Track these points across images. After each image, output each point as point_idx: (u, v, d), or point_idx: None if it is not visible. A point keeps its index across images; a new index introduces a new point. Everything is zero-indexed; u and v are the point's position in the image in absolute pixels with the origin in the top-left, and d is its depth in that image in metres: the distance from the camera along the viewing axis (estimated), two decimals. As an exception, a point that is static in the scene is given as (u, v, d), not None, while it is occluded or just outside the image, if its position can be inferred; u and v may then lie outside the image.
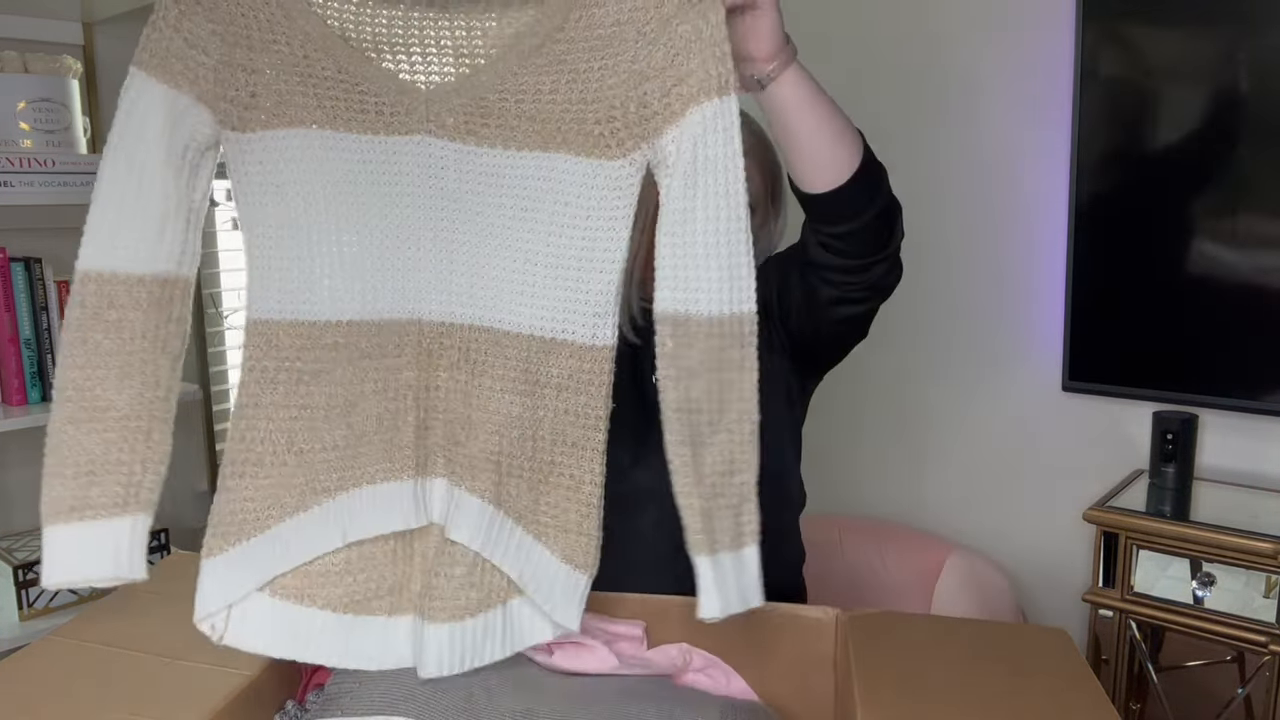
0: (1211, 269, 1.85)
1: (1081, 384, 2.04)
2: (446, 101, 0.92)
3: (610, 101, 0.88)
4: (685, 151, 0.86)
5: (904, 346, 2.31)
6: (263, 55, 0.92)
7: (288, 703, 1.02)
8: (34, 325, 1.82)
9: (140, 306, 0.93)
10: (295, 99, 0.92)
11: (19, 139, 1.78)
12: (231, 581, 0.95)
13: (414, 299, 0.96)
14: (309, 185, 0.93)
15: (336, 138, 0.93)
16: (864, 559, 2.20)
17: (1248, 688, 1.75)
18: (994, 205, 2.17)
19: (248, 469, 0.96)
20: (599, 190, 0.90)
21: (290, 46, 0.92)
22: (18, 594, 1.76)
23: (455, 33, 0.91)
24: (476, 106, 0.91)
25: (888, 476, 2.41)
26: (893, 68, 2.27)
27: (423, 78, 0.92)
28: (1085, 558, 2.10)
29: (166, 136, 0.92)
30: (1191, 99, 1.85)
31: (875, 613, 1.07)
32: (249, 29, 0.92)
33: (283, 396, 0.95)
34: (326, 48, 0.91)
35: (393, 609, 0.98)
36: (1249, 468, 1.90)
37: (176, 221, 0.94)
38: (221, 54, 0.92)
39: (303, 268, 0.95)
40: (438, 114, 0.92)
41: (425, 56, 0.92)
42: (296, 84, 0.92)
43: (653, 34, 0.86)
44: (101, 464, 0.97)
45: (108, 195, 0.93)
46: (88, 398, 0.94)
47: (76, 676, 0.94)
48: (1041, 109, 2.08)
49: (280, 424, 0.95)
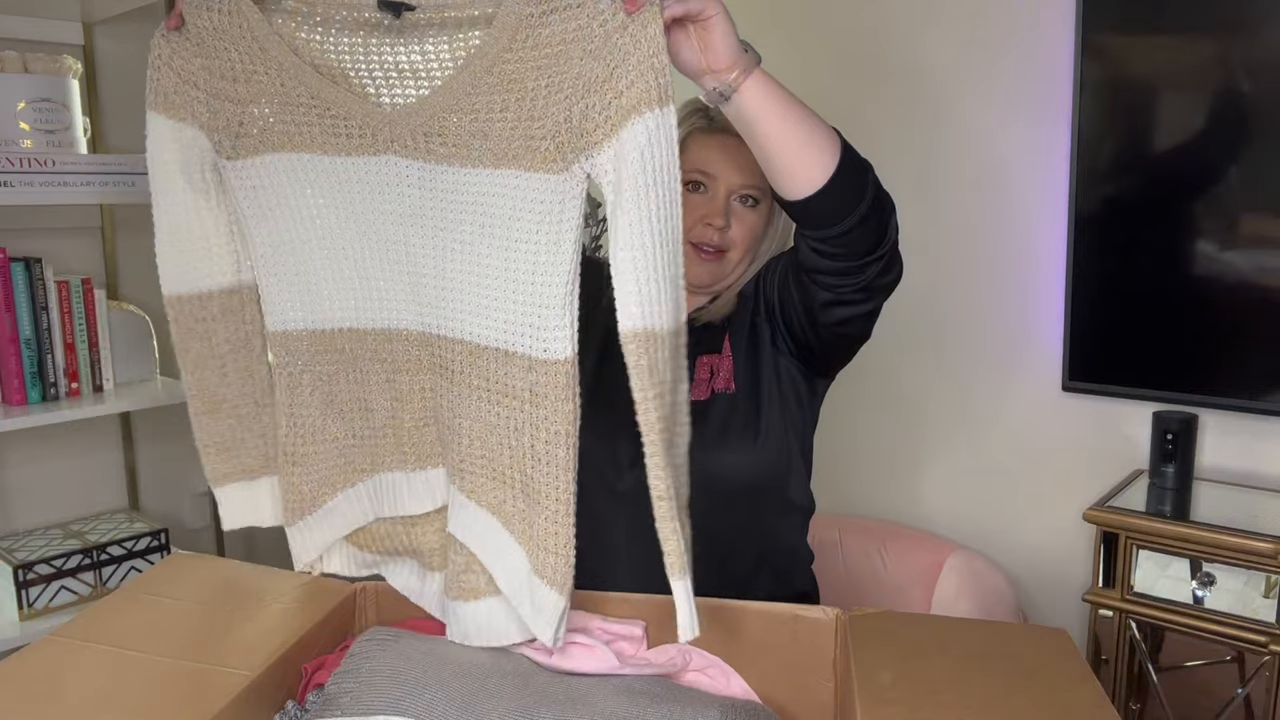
0: (1211, 269, 1.85)
1: (1081, 384, 2.04)
2: (407, 122, 0.95)
3: (555, 117, 0.89)
4: (629, 164, 0.85)
5: (904, 347, 2.31)
6: (245, 86, 0.98)
7: (288, 703, 1.02)
8: (34, 325, 1.82)
9: (216, 318, 1.07)
10: (276, 126, 0.98)
11: (19, 139, 1.78)
12: (311, 542, 1.14)
13: (394, 311, 1.02)
14: (294, 206, 1.00)
15: (314, 160, 0.98)
16: (864, 559, 2.20)
17: (1248, 688, 1.75)
18: (994, 206, 2.17)
19: (298, 456, 1.09)
20: (545, 204, 0.91)
21: (268, 76, 0.97)
22: (18, 594, 1.76)
23: (411, 56, 0.94)
24: (435, 126, 0.94)
25: (888, 476, 2.41)
26: (893, 69, 2.27)
27: (386, 100, 0.96)
28: (1085, 558, 2.10)
29: (182, 164, 1.01)
30: (1191, 100, 1.85)
31: (875, 613, 1.07)
32: (232, 62, 0.97)
33: (308, 395, 1.07)
34: (299, 76, 0.96)
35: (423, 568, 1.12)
36: (1249, 468, 1.90)
37: (218, 237, 1.05)
38: (210, 86, 0.98)
39: (302, 282, 1.03)
40: (400, 135, 0.95)
41: (387, 80, 0.96)
42: (276, 111, 0.98)
43: (595, 49, 0.86)
44: (233, 442, 1.13)
45: (158, 226, 1.05)
46: (205, 394, 1.11)
47: (76, 676, 0.94)
48: (1041, 111, 2.08)
49: (313, 418, 1.08)
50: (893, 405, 2.37)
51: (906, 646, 0.98)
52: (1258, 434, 1.89)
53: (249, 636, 1.03)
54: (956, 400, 2.28)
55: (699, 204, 1.23)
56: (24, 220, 1.94)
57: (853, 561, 2.22)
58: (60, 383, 1.87)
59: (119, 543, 1.87)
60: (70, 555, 1.81)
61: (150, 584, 1.17)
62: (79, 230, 2.03)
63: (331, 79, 0.96)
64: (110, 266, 2.07)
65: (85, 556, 1.83)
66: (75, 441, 2.06)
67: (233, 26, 0.96)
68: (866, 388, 2.38)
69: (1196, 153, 1.85)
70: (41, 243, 1.97)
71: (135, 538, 1.89)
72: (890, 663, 0.95)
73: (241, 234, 1.05)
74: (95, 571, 1.85)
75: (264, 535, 1.21)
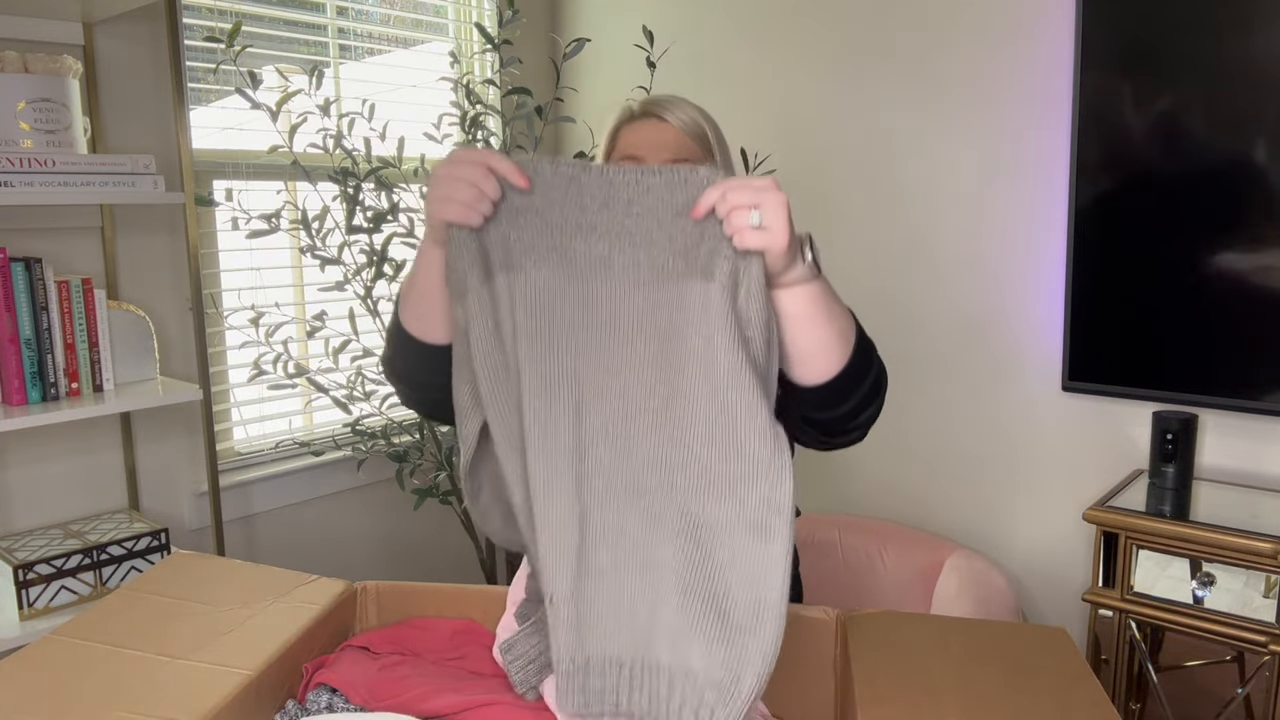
0: (1211, 269, 1.85)
1: (1081, 384, 2.04)
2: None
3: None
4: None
5: (904, 347, 2.31)
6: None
7: (288, 702, 1.02)
8: (34, 325, 1.82)
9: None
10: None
11: (19, 139, 1.78)
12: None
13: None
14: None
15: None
16: (864, 559, 2.20)
17: (1248, 687, 1.75)
18: (994, 206, 2.17)
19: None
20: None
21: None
22: (18, 594, 1.76)
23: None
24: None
25: (888, 476, 2.41)
26: (894, 68, 2.27)
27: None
28: (1085, 558, 2.11)
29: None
30: (1191, 99, 1.85)
31: (875, 613, 1.07)
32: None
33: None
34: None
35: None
36: (1249, 468, 1.90)
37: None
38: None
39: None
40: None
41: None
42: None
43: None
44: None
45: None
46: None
47: (76, 676, 0.94)
48: (1041, 110, 2.08)
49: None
50: (893, 405, 2.37)
51: (906, 646, 0.98)
52: (1258, 434, 1.89)
53: (249, 636, 1.03)
54: (957, 400, 2.28)
55: None
56: (24, 220, 1.94)
57: (853, 561, 2.22)
58: (60, 383, 1.87)
59: (119, 543, 1.87)
60: (70, 555, 1.81)
61: (150, 584, 1.17)
62: (79, 230, 2.03)
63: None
64: (110, 266, 2.07)
65: (85, 556, 1.83)
66: (75, 441, 2.06)
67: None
68: (866, 388, 2.38)
69: (1197, 152, 1.85)
70: (41, 243, 1.97)
71: (135, 538, 1.89)
72: (890, 663, 0.95)
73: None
74: (95, 571, 1.85)
75: (264, 535, 1.21)
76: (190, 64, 2.19)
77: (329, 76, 2.49)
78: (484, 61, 2.84)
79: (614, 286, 0.94)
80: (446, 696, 1.02)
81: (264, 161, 2.30)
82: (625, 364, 0.94)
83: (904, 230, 2.29)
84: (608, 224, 0.94)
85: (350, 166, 2.25)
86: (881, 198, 2.32)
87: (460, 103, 2.39)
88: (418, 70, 2.70)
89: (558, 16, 2.98)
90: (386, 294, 2.35)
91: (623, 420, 0.94)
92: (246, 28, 2.29)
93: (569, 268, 0.95)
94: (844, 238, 2.38)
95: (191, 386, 1.99)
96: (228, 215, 2.23)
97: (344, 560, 2.57)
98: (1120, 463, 2.05)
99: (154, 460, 2.18)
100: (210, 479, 2.04)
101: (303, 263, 2.45)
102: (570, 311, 0.95)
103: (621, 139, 1.28)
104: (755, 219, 0.87)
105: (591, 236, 0.94)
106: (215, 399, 2.30)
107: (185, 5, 2.16)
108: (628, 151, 1.26)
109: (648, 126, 1.25)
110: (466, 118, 2.37)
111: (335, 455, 2.49)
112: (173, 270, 2.19)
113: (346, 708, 1.01)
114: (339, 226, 2.27)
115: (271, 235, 2.20)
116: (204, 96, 2.26)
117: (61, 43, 1.97)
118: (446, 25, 2.81)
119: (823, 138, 2.40)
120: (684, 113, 1.25)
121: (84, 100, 1.95)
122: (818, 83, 2.40)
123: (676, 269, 0.93)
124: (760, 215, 0.87)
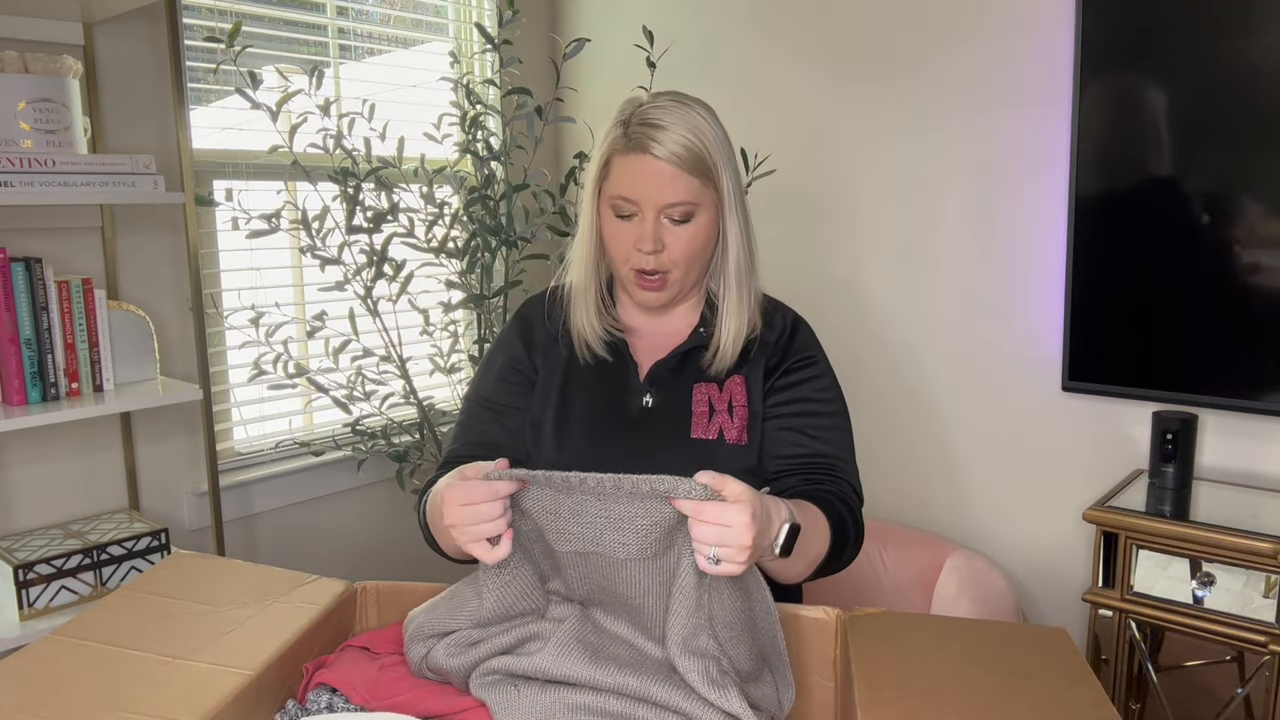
0: (1211, 269, 1.85)
1: (1081, 384, 2.04)
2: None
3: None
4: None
5: (904, 347, 2.31)
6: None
7: (288, 702, 1.02)
8: (34, 325, 1.82)
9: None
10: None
11: (19, 139, 1.78)
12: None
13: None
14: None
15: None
16: (864, 559, 2.20)
17: (1248, 687, 1.75)
18: (994, 205, 2.17)
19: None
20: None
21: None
22: (18, 594, 1.76)
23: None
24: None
25: (888, 476, 2.41)
26: (894, 67, 2.27)
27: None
28: (1085, 558, 2.11)
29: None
30: (1191, 99, 1.85)
31: (875, 613, 1.07)
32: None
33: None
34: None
35: None
36: (1249, 468, 1.90)
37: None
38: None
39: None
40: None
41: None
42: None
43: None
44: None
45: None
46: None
47: (76, 676, 0.94)
48: (1041, 109, 2.08)
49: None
50: (893, 405, 2.37)
51: (906, 646, 0.99)
52: (1258, 434, 1.89)
53: (249, 636, 1.03)
54: (956, 400, 2.28)
55: (629, 231, 1.20)
56: (24, 220, 1.94)
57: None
58: (60, 383, 1.87)
59: (119, 543, 1.87)
60: (70, 555, 1.81)
61: (150, 584, 1.17)
62: (79, 230, 2.03)
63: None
64: (110, 266, 2.07)
65: (85, 556, 1.83)
66: (75, 441, 2.06)
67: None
68: (866, 388, 2.38)
69: (1197, 151, 1.85)
70: (41, 243, 1.98)
71: (135, 538, 1.89)
72: (890, 663, 0.95)
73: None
74: (95, 571, 1.85)
75: (264, 535, 1.21)
76: (190, 64, 2.19)
77: (329, 76, 2.49)
78: (484, 61, 2.84)
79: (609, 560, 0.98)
80: (446, 697, 1.02)
81: (264, 161, 2.30)
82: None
83: (904, 229, 2.29)
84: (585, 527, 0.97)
85: (350, 166, 2.25)
86: (881, 197, 2.32)
87: (460, 103, 2.39)
88: (418, 70, 2.70)
89: (558, 16, 2.99)
90: (386, 294, 2.35)
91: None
92: (246, 28, 2.29)
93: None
94: (844, 237, 2.38)
95: (191, 386, 1.99)
96: (228, 215, 2.23)
97: (344, 560, 2.57)
98: (1120, 463, 2.05)
99: (154, 460, 2.18)
100: (210, 479, 2.04)
101: (303, 263, 2.45)
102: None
103: (614, 174, 1.19)
104: (713, 556, 0.91)
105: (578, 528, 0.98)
106: (215, 399, 2.30)
107: (185, 5, 2.15)
108: (619, 193, 1.18)
109: (640, 164, 1.16)
110: (466, 118, 2.37)
111: (335, 455, 2.49)
112: (173, 270, 2.19)
113: (346, 708, 1.01)
114: (339, 226, 2.27)
115: (271, 235, 2.20)
116: (204, 96, 2.27)
117: (61, 43, 1.97)
118: (446, 25, 2.81)
119: (822, 137, 2.40)
120: (678, 135, 1.15)
121: (84, 100, 1.95)
122: (818, 82, 2.40)
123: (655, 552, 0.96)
124: (718, 554, 0.90)
